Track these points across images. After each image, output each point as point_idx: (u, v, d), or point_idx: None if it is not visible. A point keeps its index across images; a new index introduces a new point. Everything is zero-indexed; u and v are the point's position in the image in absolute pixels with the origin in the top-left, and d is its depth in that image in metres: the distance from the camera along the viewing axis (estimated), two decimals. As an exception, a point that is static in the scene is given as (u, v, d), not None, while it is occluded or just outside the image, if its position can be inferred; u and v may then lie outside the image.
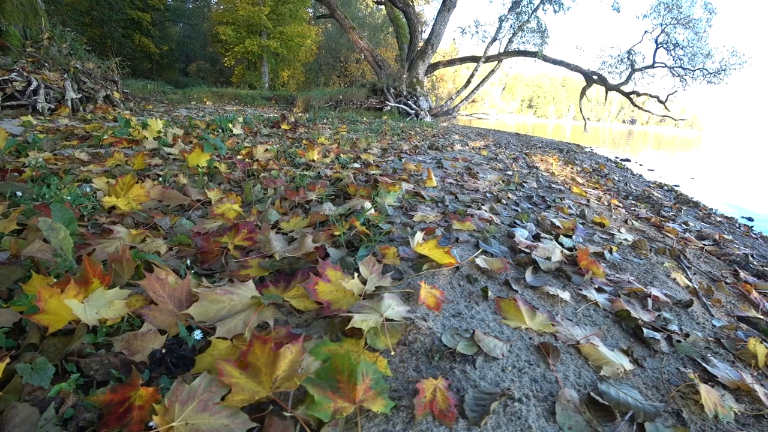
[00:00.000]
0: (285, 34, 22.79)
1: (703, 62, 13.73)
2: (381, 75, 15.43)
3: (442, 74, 32.46)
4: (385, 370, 0.93)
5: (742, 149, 34.87)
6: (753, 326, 1.64)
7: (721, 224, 4.26)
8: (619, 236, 2.31)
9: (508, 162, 5.03)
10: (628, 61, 14.65)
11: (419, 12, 27.74)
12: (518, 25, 14.83)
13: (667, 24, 14.06)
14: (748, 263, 2.62)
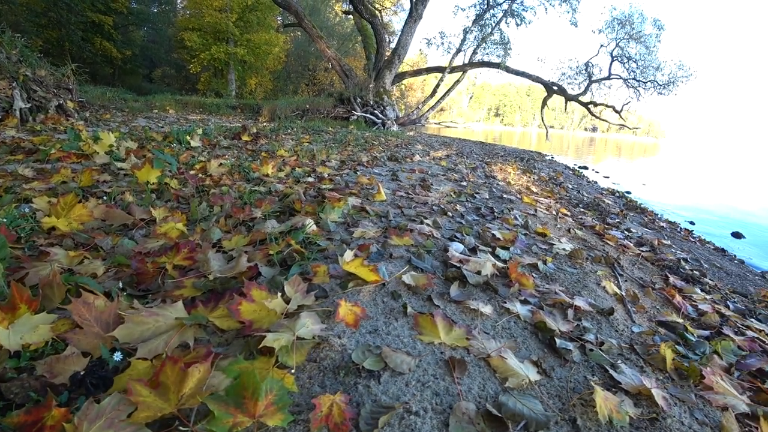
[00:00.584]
0: (252, 41, 22.58)
1: (653, 75, 14.52)
2: (348, 84, 15.50)
3: (411, 83, 32.88)
4: (292, 386, 0.97)
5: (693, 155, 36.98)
6: (671, 330, 1.73)
7: (663, 229, 4.48)
8: (558, 246, 2.40)
9: (466, 172, 5.13)
10: (585, 72, 15.30)
11: (387, 22, 28.10)
12: (482, 37, 15.25)
13: (621, 39, 14.79)
14: (678, 268, 2.76)
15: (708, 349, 1.58)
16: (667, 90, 14.47)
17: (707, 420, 1.16)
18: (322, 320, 1.25)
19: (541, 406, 1.03)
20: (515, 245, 2.25)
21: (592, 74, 15.33)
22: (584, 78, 15.33)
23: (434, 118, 39.31)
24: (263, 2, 22.37)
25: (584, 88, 15.22)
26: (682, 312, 1.99)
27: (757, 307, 2.47)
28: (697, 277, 2.73)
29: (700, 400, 1.25)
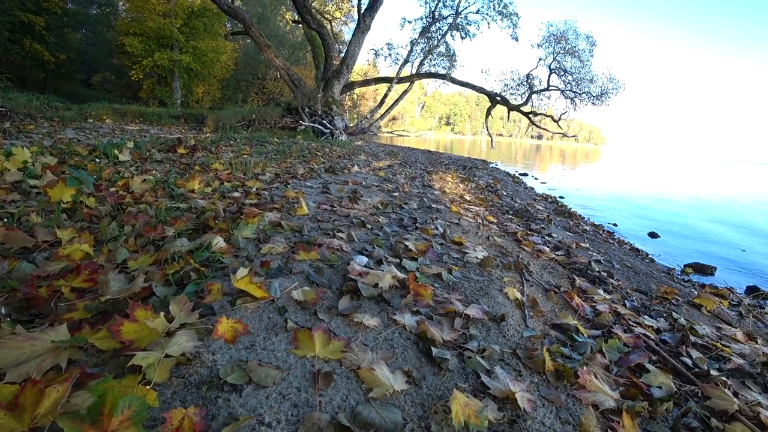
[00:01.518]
0: (199, 48, 21.90)
1: (588, 87, 15.47)
2: (297, 94, 15.37)
3: (364, 92, 33.15)
4: (154, 402, 0.98)
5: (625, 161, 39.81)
6: (563, 332, 1.83)
7: (586, 232, 4.74)
8: (471, 254, 2.47)
9: (403, 182, 5.21)
10: (526, 84, 16.06)
11: (338, 32, 28.24)
12: (428, 49, 15.65)
13: (558, 53, 15.65)
14: (587, 270, 2.93)
15: (590, 349, 1.67)
16: (600, 101, 15.47)
17: (571, 419, 1.23)
18: (201, 337, 1.26)
19: (400, 414, 1.06)
20: (426, 256, 2.30)
21: (533, 86, 16.12)
22: (525, 89, 16.10)
23: (387, 127, 39.76)
24: (210, 9, 21.80)
25: (525, 98, 16.00)
26: (579, 313, 2.10)
27: (653, 304, 2.66)
28: (604, 278, 2.90)
29: (572, 399, 1.32)
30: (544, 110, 17.61)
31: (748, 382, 1.72)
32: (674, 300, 2.87)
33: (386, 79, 16.20)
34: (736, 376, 1.78)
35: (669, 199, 11.76)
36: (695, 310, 2.84)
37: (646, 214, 8.17)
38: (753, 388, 1.67)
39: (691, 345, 2.03)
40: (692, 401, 1.47)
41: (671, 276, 3.88)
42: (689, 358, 1.86)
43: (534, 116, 15.99)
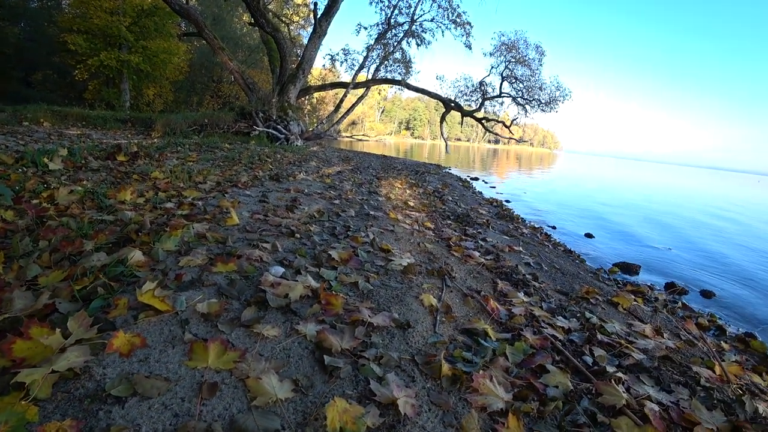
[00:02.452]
0: (149, 49, 20.99)
1: (537, 94, 16.13)
2: (252, 98, 15.12)
3: (324, 96, 32.97)
4: (34, 417, 1.00)
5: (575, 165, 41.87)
6: (471, 336, 1.92)
7: (524, 235, 4.95)
8: (395, 262, 2.55)
9: (348, 189, 5.26)
10: (480, 91, 16.56)
11: (297, 36, 27.98)
12: (383, 55, 15.82)
13: (509, 61, 16.23)
14: (512, 274, 3.07)
15: (493, 352, 1.76)
16: (548, 108, 16.18)
17: (455, 422, 1.29)
18: (96, 352, 1.27)
19: (278, 422, 1.11)
20: (348, 264, 2.35)
21: (486, 92, 16.63)
22: (479, 96, 16.59)
23: (347, 131, 39.77)
24: (162, 8, 20.98)
25: (479, 105, 16.49)
26: (494, 317, 2.20)
27: (571, 304, 2.82)
28: (528, 280, 3.05)
29: (462, 403, 1.39)
30: (500, 116, 18.23)
31: (643, 377, 1.85)
32: (593, 299, 3.04)
33: (342, 84, 16.23)
34: (634, 371, 1.91)
35: (609, 200, 12.47)
36: (612, 308, 3.03)
37: (586, 215, 8.64)
38: (647, 382, 1.80)
39: (597, 343, 2.16)
40: (586, 398, 1.56)
41: (597, 276, 4.13)
42: (591, 356, 1.98)
43: (486, 122, 16.52)
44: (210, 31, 15.61)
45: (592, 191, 15.16)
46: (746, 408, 1.74)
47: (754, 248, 7.62)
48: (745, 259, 6.67)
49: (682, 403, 1.66)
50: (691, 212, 12.35)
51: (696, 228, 9.29)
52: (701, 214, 11.92)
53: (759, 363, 3.10)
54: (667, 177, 46.17)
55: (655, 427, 1.44)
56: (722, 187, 36.65)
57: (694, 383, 1.90)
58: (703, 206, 15.07)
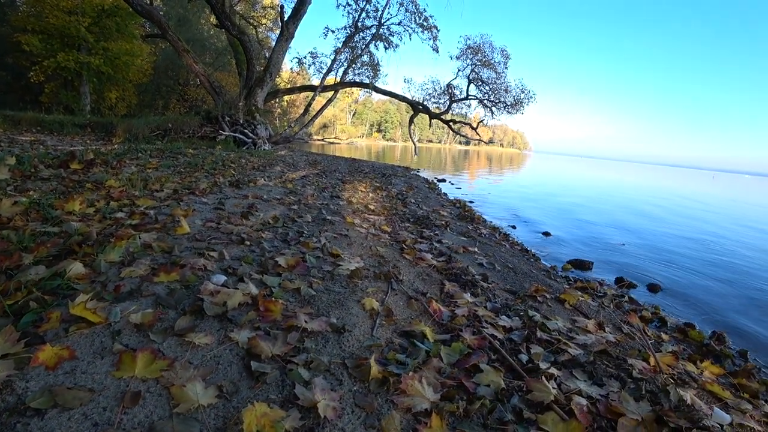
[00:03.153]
0: (110, 50, 20.29)
1: (503, 96, 16.54)
2: (218, 102, 14.89)
3: (294, 99, 32.73)
4: None
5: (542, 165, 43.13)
6: (409, 338, 1.99)
7: (482, 236, 5.10)
8: (343, 267, 2.61)
9: (310, 193, 5.29)
10: (447, 93, 16.85)
11: (265, 38, 27.67)
12: (351, 58, 15.89)
13: (475, 64, 16.58)
14: (462, 275, 3.18)
15: (427, 354, 1.80)
16: (514, 109, 16.64)
17: (377, 423, 1.32)
18: (21, 366, 1.28)
19: (198, 427, 1.15)
20: (294, 270, 2.40)
21: (454, 95, 16.95)
22: (446, 98, 16.89)
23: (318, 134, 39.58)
24: (124, 8, 20.33)
25: (446, 107, 16.79)
26: (435, 319, 2.27)
27: (516, 303, 2.91)
28: (477, 281, 3.15)
29: (388, 405, 1.42)
30: (470, 117, 18.60)
31: (576, 372, 1.92)
32: (541, 297, 3.12)
33: (310, 88, 16.21)
34: (569, 367, 1.97)
35: (569, 198, 12.91)
36: (559, 305, 3.13)
37: (547, 214, 8.95)
38: (579, 377, 1.87)
39: (536, 341, 2.21)
40: (516, 395, 1.61)
41: (549, 274, 4.30)
42: (528, 354, 2.02)
43: (454, 124, 16.82)
44: (174, 33, 15.31)
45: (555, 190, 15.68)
46: (671, 397, 1.82)
47: (702, 240, 8.07)
48: (693, 252, 7.06)
49: (611, 396, 1.73)
50: (644, 206, 12.94)
51: (649, 222, 9.76)
52: (655, 208, 12.49)
53: (695, 352, 3.29)
54: (629, 175, 48.03)
55: (580, 421, 1.49)
56: (680, 184, 38.44)
57: (626, 375, 1.99)
58: (657, 201, 15.81)
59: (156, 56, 26.11)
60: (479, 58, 16.52)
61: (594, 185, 22.06)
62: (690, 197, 20.42)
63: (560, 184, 19.26)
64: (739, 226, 10.93)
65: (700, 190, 29.82)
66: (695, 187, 35.41)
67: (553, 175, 28.50)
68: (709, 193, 28.00)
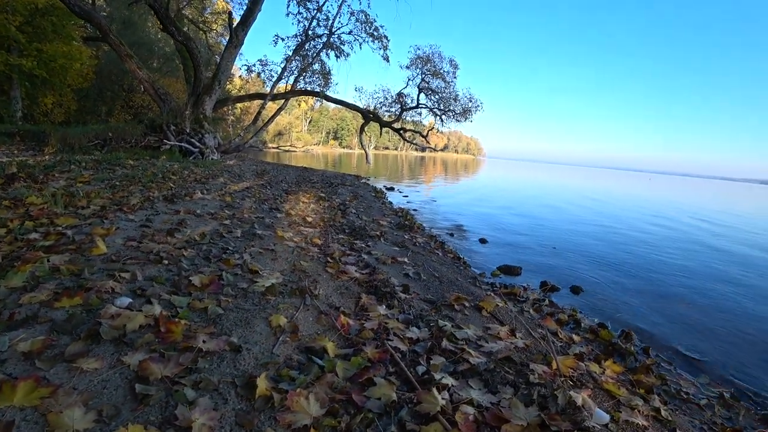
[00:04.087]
0: (45, 52, 19.12)
1: (452, 105, 17.11)
2: (164, 109, 14.48)
3: (248, 107, 32.14)
4: None
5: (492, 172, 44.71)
6: (310, 354, 2.02)
7: (416, 245, 5.31)
8: (260, 283, 2.69)
9: (248, 207, 5.32)
10: (398, 102, 17.23)
11: (216, 43, 27.08)
12: (302, 66, 15.92)
13: (425, 74, 17.06)
14: (382, 287, 3.33)
15: (321, 369, 1.88)
16: (463, 118, 17.27)
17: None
18: None
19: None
20: (208, 289, 2.48)
21: (405, 103, 17.34)
22: (397, 107, 17.27)
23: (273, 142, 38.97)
24: (60, 7, 19.23)
25: (397, 115, 17.17)
26: (343, 333, 2.37)
27: (431, 314, 3.01)
28: (397, 292, 3.25)
29: (271, 421, 1.49)
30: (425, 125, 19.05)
31: (473, 381, 1.99)
32: (459, 306, 3.20)
33: (260, 96, 16.09)
34: (467, 376, 2.05)
35: (511, 203, 13.55)
36: (477, 312, 3.22)
37: (487, 220, 9.40)
38: (474, 386, 1.95)
39: (441, 351, 2.28)
40: (406, 407, 1.68)
41: (475, 281, 4.53)
42: (426, 365, 2.08)
43: (404, 132, 17.21)
44: (117, 36, 14.77)
45: (499, 196, 16.39)
46: (558, 401, 1.87)
47: (630, 243, 8.69)
48: (620, 254, 7.58)
49: (503, 403, 1.82)
50: (580, 210, 13.78)
51: (583, 225, 10.42)
52: (590, 213, 13.31)
53: (603, 351, 3.45)
54: (574, 178, 50.57)
55: (460, 430, 1.57)
56: (619, 186, 40.91)
57: (523, 381, 2.07)
58: (594, 204, 16.85)
59: (99, 59, 24.91)
60: (429, 67, 17.00)
61: (539, 188, 23.18)
62: (623, 197, 21.84)
63: (506, 189, 20.13)
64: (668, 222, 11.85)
65: (633, 191, 31.89)
66: (630, 188, 37.84)
67: (502, 180, 29.70)
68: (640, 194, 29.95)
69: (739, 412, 2.90)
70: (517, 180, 31.73)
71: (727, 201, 33.86)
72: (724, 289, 6.00)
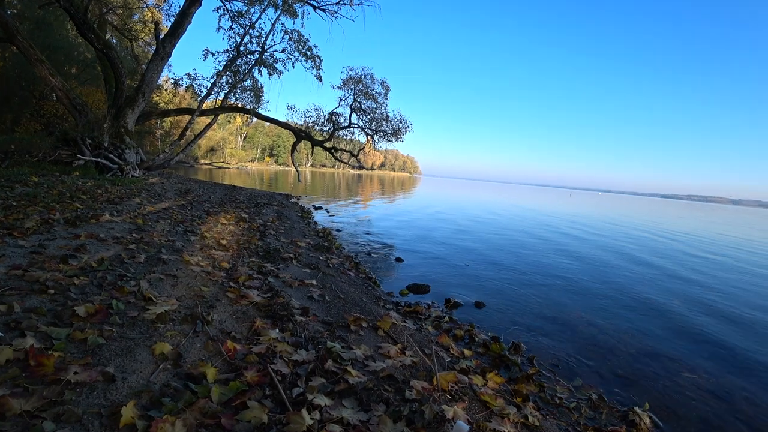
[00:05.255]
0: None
1: (384, 125, 17.72)
2: (80, 121, 13.64)
3: (179, 120, 30.90)
4: None
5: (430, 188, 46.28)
6: (189, 381, 2.09)
7: (331, 266, 5.52)
8: (152, 310, 2.75)
9: (161, 229, 5.25)
10: (330, 121, 17.56)
11: (144, 53, 25.88)
12: (233, 82, 15.75)
13: (357, 94, 17.56)
14: (280, 310, 3.47)
15: (191, 395, 1.95)
16: (394, 138, 17.93)
17: None
18: None
19: None
20: (94, 318, 2.51)
21: (337, 122, 17.71)
22: (330, 126, 17.59)
23: (206, 158, 37.65)
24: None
25: (330, 135, 17.48)
26: (228, 358, 2.42)
27: (323, 336, 3.07)
28: (294, 315, 3.34)
29: None
30: (363, 144, 19.46)
31: (347, 401, 2.13)
32: (356, 326, 3.37)
33: (188, 111, 15.69)
34: (343, 395, 2.18)
35: (433, 222, 14.24)
36: (374, 332, 3.40)
37: (408, 238, 9.86)
38: (347, 405, 2.08)
39: (323, 372, 2.40)
40: (275, 429, 1.79)
41: (379, 301, 4.79)
42: (304, 386, 2.19)
43: (336, 151, 17.54)
44: (26, 38, 13.73)
45: (424, 214, 17.03)
46: (426, 415, 2.04)
47: (540, 258, 9.39)
48: (529, 268, 8.14)
49: (373, 420, 1.93)
50: (500, 227, 14.77)
51: (500, 240, 11.19)
52: (509, 230, 14.29)
53: (490, 364, 3.70)
54: (501, 194, 53.66)
55: None
56: (540, 201, 43.96)
57: (400, 398, 2.23)
58: (516, 220, 18.10)
59: (4, 62, 22.83)
60: (360, 88, 17.52)
61: (462, 206, 24.34)
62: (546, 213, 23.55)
63: (432, 207, 20.98)
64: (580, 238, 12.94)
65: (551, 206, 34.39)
66: (552, 203, 40.82)
67: (431, 198, 30.89)
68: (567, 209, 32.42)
69: (603, 411, 3.25)
70: (445, 198, 33.11)
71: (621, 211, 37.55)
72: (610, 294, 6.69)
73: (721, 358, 4.72)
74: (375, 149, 19.50)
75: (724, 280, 8.72)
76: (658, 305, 6.49)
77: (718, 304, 6.80)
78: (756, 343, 5.26)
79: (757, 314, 6.45)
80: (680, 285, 7.97)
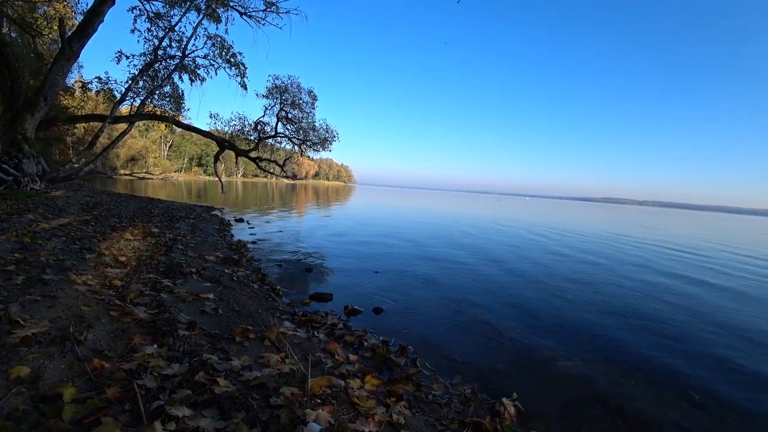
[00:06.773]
0: None
1: (311, 135, 17.87)
2: (-31, 127, 12.43)
3: (94, 127, 28.70)
4: None
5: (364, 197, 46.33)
6: (44, 402, 2.10)
7: (235, 279, 5.62)
8: (18, 334, 2.78)
9: (50, 248, 5.09)
10: (256, 130, 17.41)
11: (50, 51, 23.90)
12: (150, 88, 15.15)
13: (283, 103, 17.56)
14: (162, 326, 3.53)
15: (38, 416, 1.96)
16: (321, 147, 18.14)
17: None
18: None
19: None
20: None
21: (264, 131, 17.58)
22: (255, 135, 17.42)
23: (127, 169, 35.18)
24: None
25: (255, 144, 17.32)
26: (93, 377, 2.43)
27: (204, 349, 3.09)
28: (176, 330, 3.26)
29: None
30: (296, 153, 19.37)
31: (207, 410, 2.18)
32: (241, 338, 3.43)
33: (100, 117, 14.80)
34: (206, 405, 2.25)
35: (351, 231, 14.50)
36: (260, 342, 3.46)
37: (327, 247, 10.06)
38: (207, 414, 2.15)
39: (191, 384, 2.44)
40: None
41: (275, 311, 4.81)
42: (166, 399, 2.24)
43: (260, 161, 17.43)
44: None
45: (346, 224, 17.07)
46: (281, 420, 2.13)
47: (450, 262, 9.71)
48: (439, 273, 8.39)
49: (230, 427, 2.01)
50: (413, 232, 15.35)
51: (414, 248, 11.52)
52: (424, 236, 14.79)
53: (374, 367, 3.83)
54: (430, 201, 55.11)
55: None
56: (465, 206, 45.69)
57: (264, 405, 2.30)
58: (433, 226, 18.80)
59: None
60: (286, 97, 17.56)
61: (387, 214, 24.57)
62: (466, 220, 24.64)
63: (357, 216, 21.04)
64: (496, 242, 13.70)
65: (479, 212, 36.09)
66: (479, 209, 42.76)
67: (360, 207, 31.10)
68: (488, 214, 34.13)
69: (471, 405, 3.44)
70: (373, 207, 33.37)
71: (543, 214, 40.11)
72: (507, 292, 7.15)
73: (596, 345, 5.15)
74: (308, 158, 19.58)
75: (593, 276, 9.78)
76: (547, 302, 7.02)
77: (593, 297, 7.56)
78: (629, 331, 5.81)
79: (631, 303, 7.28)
80: (567, 283, 8.74)
